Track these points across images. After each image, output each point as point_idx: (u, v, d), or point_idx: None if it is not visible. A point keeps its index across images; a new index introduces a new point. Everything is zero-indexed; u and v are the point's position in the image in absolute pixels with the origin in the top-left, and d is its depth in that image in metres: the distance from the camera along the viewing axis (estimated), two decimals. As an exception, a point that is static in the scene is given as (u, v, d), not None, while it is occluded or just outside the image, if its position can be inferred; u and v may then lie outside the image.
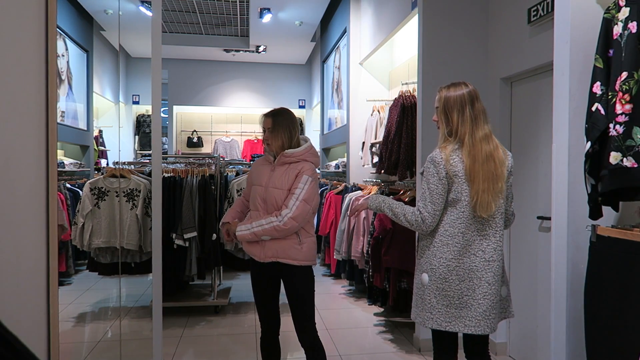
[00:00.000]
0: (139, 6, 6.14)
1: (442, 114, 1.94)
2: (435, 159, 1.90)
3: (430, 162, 1.91)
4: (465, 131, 1.89)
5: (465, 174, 1.87)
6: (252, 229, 2.23)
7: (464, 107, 1.90)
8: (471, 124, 1.89)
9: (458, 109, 1.90)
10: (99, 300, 4.53)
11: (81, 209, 3.85)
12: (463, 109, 1.90)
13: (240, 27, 7.42)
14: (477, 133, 1.88)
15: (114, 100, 8.30)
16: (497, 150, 1.91)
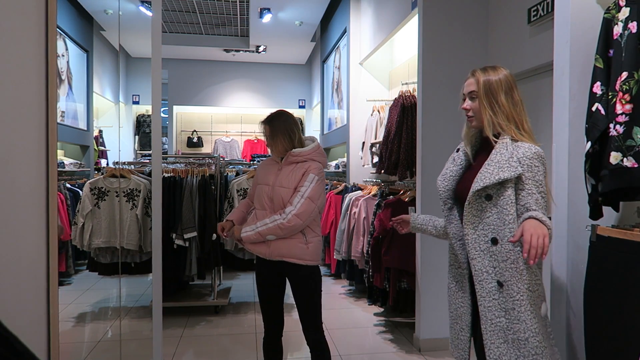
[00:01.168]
0: (139, 6, 6.14)
1: (484, 99, 1.66)
2: (542, 155, 1.60)
3: (538, 159, 1.57)
4: (522, 117, 1.66)
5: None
6: (257, 229, 2.22)
7: (512, 89, 1.67)
8: (524, 108, 1.69)
9: (506, 92, 1.66)
10: (99, 300, 4.53)
11: (81, 209, 3.85)
12: (511, 92, 1.67)
13: (240, 27, 7.42)
14: (528, 120, 1.69)
15: (114, 100, 8.30)
16: None
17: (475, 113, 1.70)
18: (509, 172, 1.55)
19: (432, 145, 3.32)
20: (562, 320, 1.92)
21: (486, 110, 1.66)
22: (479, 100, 1.68)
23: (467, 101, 1.72)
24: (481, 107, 1.68)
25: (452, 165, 1.79)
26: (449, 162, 1.81)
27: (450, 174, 1.77)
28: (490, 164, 1.59)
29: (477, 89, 1.69)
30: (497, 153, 1.60)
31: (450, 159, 1.82)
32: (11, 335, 0.56)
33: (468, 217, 1.62)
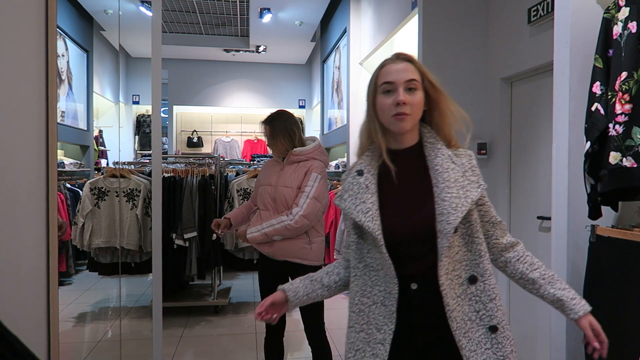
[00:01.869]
0: (139, 6, 6.14)
1: (432, 89, 1.31)
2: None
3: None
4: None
5: None
6: (263, 230, 2.22)
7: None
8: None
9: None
10: (99, 300, 4.53)
11: (81, 209, 3.85)
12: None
13: (240, 27, 7.42)
14: None
15: (114, 100, 8.30)
16: None
17: (414, 110, 1.26)
18: (476, 189, 1.23)
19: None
20: (561, 321, 1.92)
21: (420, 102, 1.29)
22: (430, 93, 1.30)
23: (403, 92, 1.25)
24: (433, 103, 1.30)
25: (368, 195, 1.27)
26: (359, 190, 1.29)
27: (375, 209, 1.25)
28: (450, 186, 1.22)
29: (420, 78, 1.29)
30: (442, 167, 1.25)
31: (354, 186, 1.31)
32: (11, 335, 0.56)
33: (444, 263, 1.19)
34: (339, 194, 1.34)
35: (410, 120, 1.25)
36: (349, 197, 1.30)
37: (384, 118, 1.28)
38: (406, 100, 1.24)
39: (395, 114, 1.24)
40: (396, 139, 1.31)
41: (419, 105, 1.27)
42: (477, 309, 1.23)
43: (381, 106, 1.27)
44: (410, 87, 1.26)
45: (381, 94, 1.28)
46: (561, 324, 1.93)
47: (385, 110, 1.27)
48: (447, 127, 1.30)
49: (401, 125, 1.25)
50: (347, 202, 1.29)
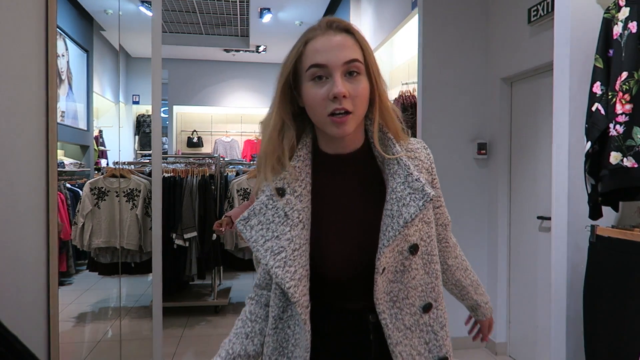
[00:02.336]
0: (139, 6, 6.14)
1: (376, 74, 0.96)
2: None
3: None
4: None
5: None
6: None
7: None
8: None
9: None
10: (99, 300, 4.53)
11: (81, 209, 3.85)
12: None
13: (240, 27, 7.42)
14: None
15: (114, 100, 8.30)
16: None
17: (357, 106, 0.90)
18: (428, 188, 0.91)
19: (431, 145, 3.31)
20: (561, 321, 1.92)
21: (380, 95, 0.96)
22: (374, 79, 0.94)
23: (341, 80, 0.89)
24: (378, 91, 0.95)
25: (286, 228, 0.91)
26: (274, 218, 0.93)
27: (292, 250, 0.90)
28: (396, 189, 0.92)
29: (363, 58, 0.92)
30: (392, 170, 0.94)
31: (269, 210, 0.93)
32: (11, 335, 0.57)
33: (382, 290, 0.92)
34: (245, 215, 0.93)
35: (353, 120, 0.89)
36: (259, 224, 0.91)
37: (314, 116, 0.91)
38: (348, 92, 0.87)
39: (332, 113, 0.87)
40: (334, 142, 0.96)
41: (364, 97, 0.90)
42: (427, 340, 0.98)
43: (310, 99, 0.90)
44: (352, 70, 0.89)
45: (308, 81, 0.90)
46: (561, 324, 1.93)
47: (316, 107, 0.89)
48: (392, 121, 0.97)
49: (342, 130, 0.88)
50: (253, 231, 0.91)
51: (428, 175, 1.00)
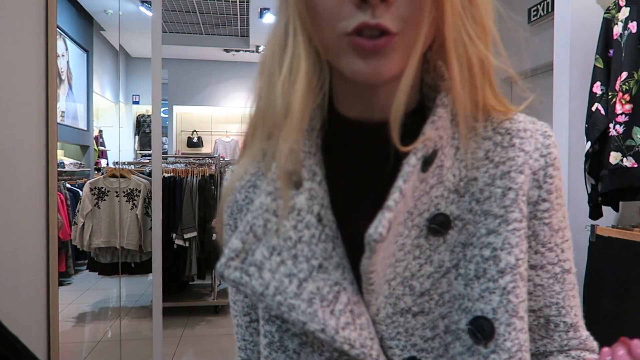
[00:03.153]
0: (139, 6, 6.14)
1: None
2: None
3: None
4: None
5: None
6: None
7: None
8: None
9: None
10: (99, 300, 4.53)
11: (81, 209, 3.85)
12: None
13: (240, 27, 7.42)
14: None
15: (114, 100, 8.30)
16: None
17: (407, 25, 0.42)
18: (505, 255, 0.46)
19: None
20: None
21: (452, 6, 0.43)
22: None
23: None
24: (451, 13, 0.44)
25: (329, 244, 0.47)
26: (298, 238, 0.46)
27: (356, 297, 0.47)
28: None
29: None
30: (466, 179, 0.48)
31: (276, 238, 0.47)
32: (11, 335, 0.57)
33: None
34: (238, 246, 0.47)
35: (399, 50, 0.43)
36: (273, 254, 0.47)
37: (321, 35, 0.45)
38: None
39: (355, 31, 0.42)
40: (359, 95, 0.50)
41: (421, 11, 0.42)
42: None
43: (319, 7, 0.43)
44: None
45: None
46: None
47: (324, 16, 0.43)
48: (479, 72, 0.51)
49: (372, 66, 0.43)
50: (267, 274, 0.46)
51: (533, 192, 0.50)
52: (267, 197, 0.48)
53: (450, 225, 0.47)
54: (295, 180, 0.48)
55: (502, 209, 0.47)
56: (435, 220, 0.47)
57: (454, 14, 0.44)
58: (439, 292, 0.47)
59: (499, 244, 0.46)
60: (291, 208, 0.47)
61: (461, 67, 0.46)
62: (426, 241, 0.47)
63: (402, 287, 0.47)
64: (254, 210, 0.48)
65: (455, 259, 0.47)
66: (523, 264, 0.47)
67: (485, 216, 0.47)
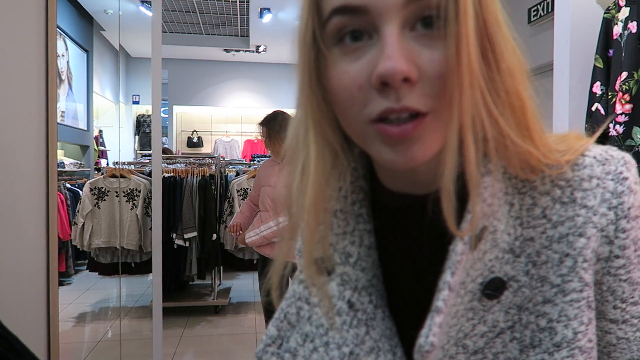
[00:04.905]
0: (139, 6, 6.14)
1: (472, 35, 0.38)
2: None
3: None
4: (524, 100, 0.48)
5: None
6: (261, 233, 2.22)
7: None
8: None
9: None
10: (99, 300, 4.53)
11: (81, 209, 3.85)
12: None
13: (240, 27, 7.42)
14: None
15: (114, 100, 8.30)
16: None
17: (441, 95, 0.38)
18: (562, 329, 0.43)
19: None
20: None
21: (475, 82, 0.38)
22: (458, 40, 0.38)
23: (397, 42, 0.38)
24: (464, 71, 0.38)
25: (361, 329, 0.47)
26: (329, 326, 0.48)
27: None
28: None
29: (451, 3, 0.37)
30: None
31: (309, 325, 0.50)
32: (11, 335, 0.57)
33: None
34: (274, 333, 0.53)
35: (432, 131, 0.40)
36: (306, 341, 0.49)
37: (345, 122, 0.44)
38: (415, 69, 0.38)
39: (380, 118, 0.39)
40: (404, 176, 0.48)
41: (453, 83, 0.38)
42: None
43: (335, 86, 0.42)
44: (425, 15, 0.39)
45: (332, 47, 0.43)
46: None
47: (346, 103, 0.42)
48: (523, 118, 0.43)
49: (403, 155, 0.40)
50: (299, 359, 0.49)
51: (603, 249, 0.44)
52: (300, 285, 0.51)
53: (505, 287, 0.44)
54: (327, 266, 0.48)
55: (559, 277, 0.43)
56: (489, 285, 0.44)
57: (473, 88, 0.38)
58: (493, 352, 0.45)
59: (555, 316, 0.43)
60: (323, 295, 0.48)
61: (477, 147, 0.40)
62: (479, 303, 0.44)
63: (455, 347, 0.45)
64: (287, 298, 0.51)
65: (511, 321, 0.45)
66: (584, 337, 0.43)
67: (542, 282, 0.44)
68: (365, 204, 0.50)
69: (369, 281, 0.48)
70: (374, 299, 0.48)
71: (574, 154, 0.45)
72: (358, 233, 0.48)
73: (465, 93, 0.38)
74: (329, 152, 0.46)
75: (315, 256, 0.48)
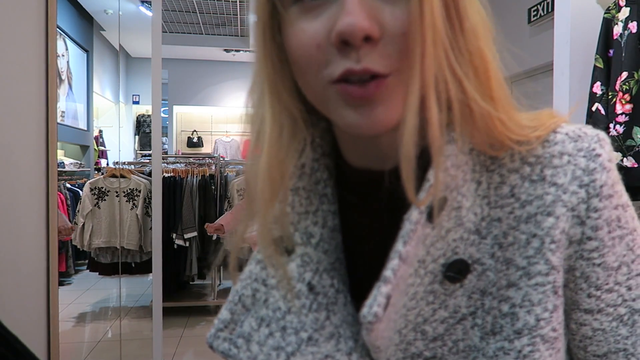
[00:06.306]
0: (139, 6, 6.14)
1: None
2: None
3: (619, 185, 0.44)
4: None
5: None
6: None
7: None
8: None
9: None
10: (99, 300, 4.53)
11: (81, 209, 3.85)
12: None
13: (240, 27, 7.42)
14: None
15: (114, 100, 8.30)
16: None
17: (404, 55, 0.36)
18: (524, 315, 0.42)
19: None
20: (562, 320, 1.92)
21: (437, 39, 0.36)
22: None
23: (357, 6, 0.35)
24: (426, 27, 0.35)
25: (321, 314, 0.45)
26: (286, 309, 0.45)
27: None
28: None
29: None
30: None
31: (265, 308, 0.47)
32: (11, 335, 0.57)
33: None
34: (227, 317, 0.49)
35: (394, 93, 0.38)
36: (261, 325, 0.46)
37: (305, 85, 0.41)
38: (376, 26, 0.36)
39: (341, 78, 0.37)
40: (366, 147, 0.45)
41: (413, 44, 0.36)
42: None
43: (294, 47, 0.39)
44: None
45: (293, 4, 0.39)
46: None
47: (305, 63, 0.39)
48: (486, 79, 0.43)
49: (366, 117, 0.38)
50: (255, 346, 0.45)
51: (574, 230, 0.41)
52: (257, 265, 0.48)
53: (469, 270, 0.42)
54: (287, 246, 0.46)
55: (525, 259, 0.41)
56: (451, 267, 0.41)
57: (436, 46, 0.36)
58: (453, 339, 0.43)
59: (518, 300, 0.41)
60: (281, 276, 0.45)
61: (440, 108, 0.37)
62: (441, 286, 0.42)
63: (413, 333, 0.43)
64: (243, 280, 0.48)
65: (473, 307, 0.42)
66: (547, 325, 0.41)
67: (507, 265, 0.41)
68: (330, 183, 0.47)
69: (331, 264, 0.45)
70: (335, 282, 0.45)
71: (545, 130, 0.44)
72: (322, 214, 0.46)
73: (428, 50, 0.35)
74: (286, 119, 0.43)
75: (275, 235, 0.45)
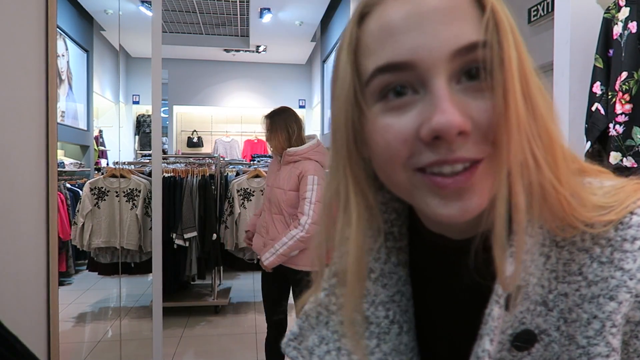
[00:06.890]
0: (139, 6, 6.14)
1: (517, 81, 0.39)
2: None
3: None
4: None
5: None
6: (278, 252, 2.16)
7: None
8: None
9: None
10: (99, 300, 4.53)
11: (81, 209, 3.85)
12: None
13: (240, 27, 7.42)
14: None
15: (114, 100, 8.30)
16: None
17: (493, 140, 0.39)
18: None
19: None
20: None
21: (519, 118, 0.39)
22: (505, 90, 0.38)
23: (448, 95, 0.38)
24: (511, 112, 0.38)
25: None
26: (334, 320, 0.54)
27: None
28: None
29: (497, 33, 0.39)
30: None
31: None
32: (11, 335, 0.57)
33: None
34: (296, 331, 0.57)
35: (485, 176, 0.40)
36: (318, 340, 0.54)
37: (386, 178, 0.44)
38: (467, 121, 0.38)
39: (428, 168, 0.40)
40: (449, 224, 0.47)
41: (506, 122, 0.39)
42: None
43: (379, 142, 0.42)
44: (471, 67, 0.40)
45: (374, 104, 0.42)
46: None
47: (388, 158, 0.42)
48: (558, 171, 0.43)
49: (461, 207, 0.40)
50: (314, 357, 0.53)
51: (634, 313, 0.41)
52: (322, 292, 0.55)
53: (537, 339, 0.43)
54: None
55: (585, 339, 0.41)
56: (519, 337, 0.43)
57: (520, 134, 0.38)
58: None
59: None
60: (340, 305, 0.52)
61: (525, 193, 0.40)
62: (509, 353, 0.43)
63: None
64: (311, 302, 0.56)
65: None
66: None
67: (570, 341, 0.42)
68: (397, 223, 0.52)
69: (389, 297, 0.50)
70: (390, 314, 0.50)
71: (619, 214, 0.42)
72: (384, 250, 0.51)
73: (513, 139, 0.38)
74: (366, 212, 0.48)
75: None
